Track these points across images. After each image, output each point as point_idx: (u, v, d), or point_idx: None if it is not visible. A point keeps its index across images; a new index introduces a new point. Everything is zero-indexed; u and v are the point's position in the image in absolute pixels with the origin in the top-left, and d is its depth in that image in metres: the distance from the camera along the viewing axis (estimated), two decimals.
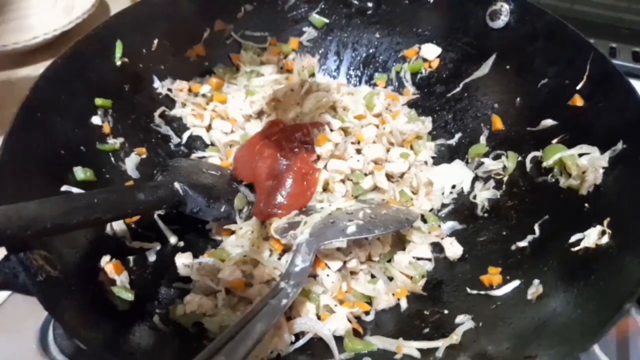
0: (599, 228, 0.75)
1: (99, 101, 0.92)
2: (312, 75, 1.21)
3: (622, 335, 0.93)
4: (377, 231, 0.83)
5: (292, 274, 0.76)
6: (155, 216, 0.92)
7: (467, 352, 0.71)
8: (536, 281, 0.77)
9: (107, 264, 0.77)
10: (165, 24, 1.05)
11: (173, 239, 0.91)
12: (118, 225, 0.85)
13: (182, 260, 0.85)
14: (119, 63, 0.97)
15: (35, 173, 0.76)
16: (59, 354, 0.87)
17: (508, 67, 1.03)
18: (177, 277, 0.86)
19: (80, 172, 0.83)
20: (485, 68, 1.07)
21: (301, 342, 0.78)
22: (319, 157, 0.99)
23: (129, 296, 0.75)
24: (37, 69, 1.35)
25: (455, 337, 0.73)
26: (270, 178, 0.94)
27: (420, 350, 0.74)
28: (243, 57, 1.18)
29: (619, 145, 0.79)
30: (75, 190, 0.80)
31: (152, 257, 0.87)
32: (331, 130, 1.01)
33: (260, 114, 1.10)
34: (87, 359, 0.85)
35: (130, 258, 0.84)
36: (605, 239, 0.73)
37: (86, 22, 1.37)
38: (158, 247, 0.89)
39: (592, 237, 0.75)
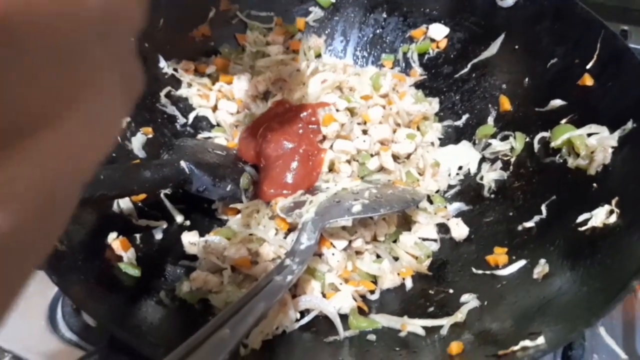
0: (606, 207, 0.74)
1: None
2: (319, 55, 1.20)
3: (628, 318, 0.93)
4: (382, 210, 0.83)
5: (298, 251, 0.77)
6: (162, 195, 0.92)
7: (472, 330, 0.71)
8: (542, 261, 0.76)
9: (114, 240, 0.78)
10: (170, 3, 1.04)
11: (179, 218, 0.92)
12: (125, 204, 0.86)
13: (189, 239, 0.86)
14: None
15: None
16: (67, 331, 0.88)
17: (517, 47, 1.02)
18: (183, 255, 0.86)
19: None
20: (493, 48, 1.06)
21: (306, 319, 0.78)
22: (324, 138, 0.98)
23: (135, 272, 0.75)
24: None
25: (460, 316, 0.74)
26: (275, 160, 0.94)
27: (424, 327, 0.74)
28: (249, 37, 1.17)
29: (629, 125, 0.78)
30: None
31: (158, 235, 0.88)
32: (337, 110, 1.00)
33: (266, 95, 1.09)
34: (95, 335, 0.86)
35: (137, 236, 0.84)
36: (613, 219, 0.73)
37: None
38: (164, 226, 0.89)
39: (600, 216, 0.75)
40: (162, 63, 1.06)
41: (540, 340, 0.58)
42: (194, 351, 0.53)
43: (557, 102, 0.92)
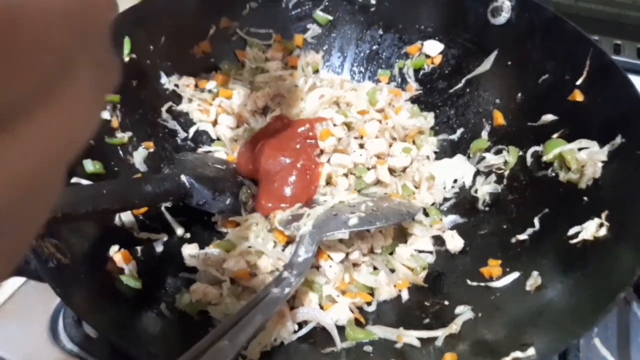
0: (596, 221, 0.76)
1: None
2: (316, 71, 1.22)
3: (623, 329, 0.94)
4: (378, 223, 0.85)
5: (295, 264, 0.78)
6: (163, 208, 0.94)
7: (466, 341, 0.72)
8: (535, 273, 0.78)
9: (116, 253, 0.79)
10: (171, 21, 1.07)
11: (180, 231, 0.93)
12: (126, 217, 0.88)
13: (189, 251, 0.88)
14: (127, 59, 1.00)
15: None
16: (68, 342, 0.88)
17: (509, 63, 1.04)
18: (183, 267, 0.88)
19: (89, 165, 0.86)
20: (486, 64, 1.08)
21: (304, 330, 0.80)
22: (322, 152, 1.00)
23: (137, 284, 0.77)
24: None
25: (454, 327, 0.75)
26: (273, 175, 0.96)
27: (420, 339, 0.76)
28: (248, 53, 1.19)
29: (618, 139, 0.80)
30: (84, 182, 0.83)
31: (159, 248, 0.89)
32: (334, 125, 1.03)
33: (264, 110, 1.12)
34: (96, 347, 0.87)
35: (138, 248, 0.86)
36: (602, 232, 0.74)
37: None
38: (165, 238, 0.91)
39: (590, 229, 0.76)
40: (164, 79, 1.09)
41: (531, 351, 0.59)
42: None
43: (548, 117, 0.94)
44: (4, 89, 0.19)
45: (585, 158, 0.84)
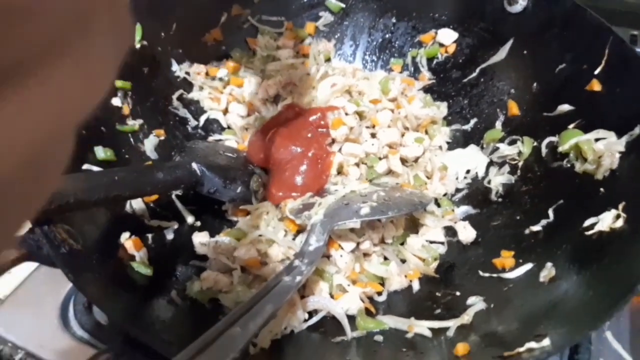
0: (613, 212, 0.75)
1: (118, 83, 0.94)
2: (328, 59, 1.21)
3: (636, 323, 0.93)
4: (390, 213, 0.84)
5: (306, 252, 0.78)
6: (173, 196, 0.94)
7: (478, 332, 0.72)
8: (549, 264, 0.77)
9: (127, 240, 0.79)
10: (183, 8, 1.07)
11: (190, 219, 0.93)
12: (137, 204, 0.88)
13: (199, 239, 0.88)
14: (138, 46, 0.99)
15: None
16: (79, 329, 0.89)
17: (525, 52, 1.02)
18: (194, 255, 0.88)
19: (100, 152, 0.85)
20: (502, 53, 1.07)
21: (314, 319, 0.80)
22: (333, 141, 1.00)
23: (147, 271, 0.77)
24: None
25: (466, 317, 0.74)
26: (284, 164, 0.96)
27: (431, 329, 0.75)
28: (259, 41, 1.18)
29: (636, 130, 0.79)
30: (95, 168, 0.82)
31: (170, 236, 0.89)
32: (346, 114, 1.02)
33: (276, 98, 1.11)
34: (106, 333, 0.88)
35: (149, 236, 0.86)
36: (619, 223, 0.73)
37: None
38: (176, 226, 0.91)
39: (607, 221, 0.75)
40: (175, 66, 1.08)
41: (546, 342, 0.58)
42: (206, 349, 0.55)
43: (565, 107, 0.92)
44: (18, 42, 0.18)
45: (602, 149, 0.82)
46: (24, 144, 0.20)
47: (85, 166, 0.82)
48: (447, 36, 1.14)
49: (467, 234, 0.92)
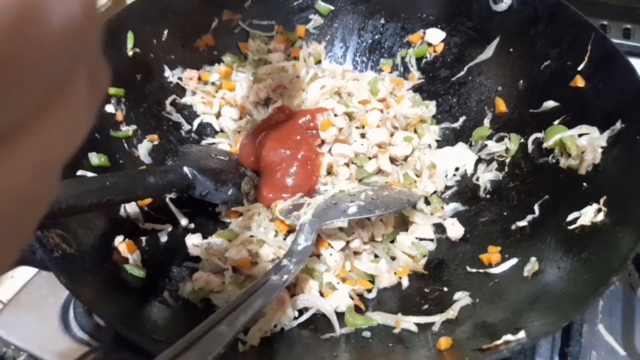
0: (595, 206, 0.76)
1: (112, 90, 0.96)
2: (319, 62, 1.23)
3: (628, 315, 0.94)
4: (377, 211, 0.86)
5: (295, 252, 0.80)
6: (167, 199, 0.96)
7: (463, 326, 0.73)
8: (533, 259, 0.78)
9: (121, 243, 0.82)
10: (174, 15, 1.09)
11: (184, 221, 0.96)
12: (131, 208, 0.90)
13: (192, 241, 0.90)
14: (130, 53, 1.01)
15: None
16: (79, 331, 0.91)
17: (511, 50, 1.04)
18: (187, 257, 0.90)
19: (94, 158, 0.88)
20: (489, 51, 1.08)
21: (304, 317, 0.81)
22: (323, 142, 1.01)
23: (140, 273, 0.79)
24: None
25: (451, 312, 0.76)
26: (274, 166, 0.97)
27: (417, 324, 0.77)
28: (251, 45, 1.20)
29: (618, 125, 0.80)
30: (89, 174, 0.85)
31: (163, 238, 0.92)
32: (335, 115, 1.03)
33: (267, 101, 1.13)
34: (106, 335, 0.90)
35: (143, 239, 0.88)
36: (600, 217, 0.74)
37: (104, 15, 1.42)
38: (169, 229, 0.93)
39: (589, 215, 0.76)
40: (167, 72, 1.10)
41: (521, 334, 0.60)
42: (193, 345, 0.57)
43: (550, 104, 0.93)
44: (4, 110, 0.20)
45: (585, 144, 0.83)
46: (14, 190, 0.22)
47: (80, 172, 0.85)
48: (435, 36, 1.16)
49: (455, 230, 0.93)
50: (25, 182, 0.23)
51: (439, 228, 0.97)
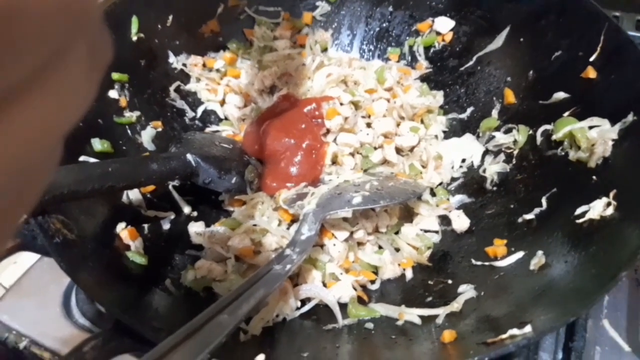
0: (604, 200, 0.75)
1: (115, 76, 0.95)
2: (325, 49, 1.21)
3: (633, 311, 0.93)
4: (382, 202, 0.85)
5: (298, 241, 0.79)
6: (170, 187, 0.95)
7: (467, 319, 0.72)
8: (539, 252, 0.77)
9: (123, 230, 0.81)
10: (179, 0, 1.07)
11: (187, 209, 0.95)
12: (134, 195, 0.89)
13: (195, 229, 0.89)
14: (134, 39, 1.00)
15: None
16: (81, 317, 0.91)
17: (521, 39, 1.02)
18: (189, 245, 0.89)
19: (97, 144, 0.87)
20: (498, 41, 1.06)
21: (306, 307, 0.81)
22: (328, 131, 1.00)
23: (142, 261, 0.79)
24: None
25: (456, 305, 0.75)
26: (278, 155, 0.96)
27: (421, 317, 0.76)
28: (256, 32, 1.19)
29: (630, 117, 0.78)
30: (92, 160, 0.84)
31: (166, 226, 0.91)
32: (341, 104, 1.02)
33: (272, 89, 1.12)
34: (108, 322, 0.90)
35: (145, 226, 0.87)
36: (609, 211, 0.73)
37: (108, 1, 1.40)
38: (172, 217, 0.92)
39: (597, 208, 0.75)
40: (172, 58, 1.09)
41: (527, 328, 0.59)
42: (194, 334, 0.56)
43: (560, 95, 0.92)
44: (6, 72, 0.20)
45: (595, 136, 0.82)
46: (10, 157, 0.22)
47: (82, 158, 0.84)
48: (444, 24, 1.14)
49: (461, 222, 0.92)
50: (22, 150, 0.22)
51: (444, 220, 0.96)
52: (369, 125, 1.04)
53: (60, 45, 0.23)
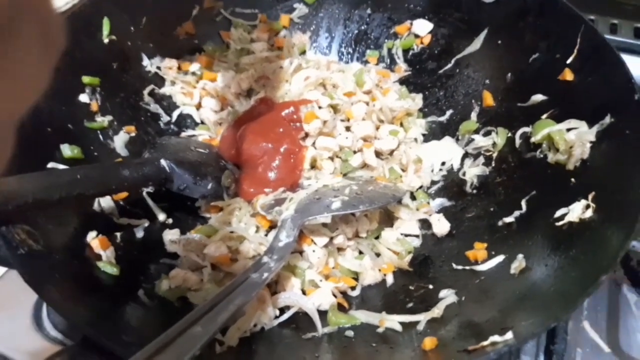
0: (583, 202, 0.75)
1: (86, 79, 0.92)
2: (303, 52, 1.20)
3: (613, 312, 0.93)
4: (362, 207, 0.83)
5: (276, 248, 0.77)
6: (144, 193, 0.92)
7: (449, 325, 0.71)
8: (520, 256, 0.77)
9: (94, 239, 0.78)
10: (153, 1, 1.05)
11: (161, 216, 0.92)
12: (106, 202, 0.86)
13: (170, 237, 0.86)
14: (106, 41, 0.97)
15: (21, 150, 0.76)
16: (52, 330, 0.88)
17: (499, 42, 1.02)
18: (164, 254, 0.86)
19: (67, 150, 0.84)
20: (476, 43, 1.06)
21: (285, 316, 0.79)
22: (307, 135, 0.99)
23: (114, 271, 0.76)
24: None
25: (437, 311, 0.74)
26: (255, 159, 0.95)
27: (402, 323, 0.75)
28: (233, 34, 1.17)
29: (607, 119, 0.79)
30: (61, 167, 0.81)
31: (139, 234, 0.88)
32: (320, 107, 1.00)
33: (249, 92, 1.10)
34: (80, 334, 0.86)
35: (118, 234, 0.84)
36: (588, 213, 0.73)
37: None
38: (146, 224, 0.89)
39: (577, 211, 0.75)
40: (146, 61, 1.06)
41: (509, 335, 0.58)
42: (166, 347, 0.54)
43: (538, 97, 0.92)
44: None
45: (573, 138, 0.82)
46: None
47: (51, 164, 0.81)
48: (423, 27, 1.14)
49: (441, 226, 0.92)
50: None
51: (425, 224, 0.95)
52: (348, 128, 1.02)
53: (5, 27, 0.22)
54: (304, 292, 0.82)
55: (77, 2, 1.27)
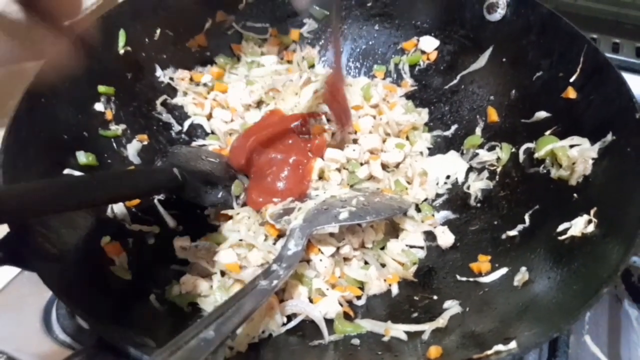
0: (585, 217, 0.76)
1: (101, 88, 0.95)
2: (312, 66, 1.22)
3: (614, 326, 0.95)
4: (368, 218, 0.85)
5: (285, 257, 0.79)
6: (155, 201, 0.94)
7: (453, 335, 0.73)
8: (523, 268, 0.79)
9: (107, 244, 0.80)
10: (167, 14, 1.08)
11: (172, 223, 0.94)
12: (118, 209, 0.88)
13: (180, 243, 0.88)
14: (121, 52, 1.00)
15: (39, 156, 0.79)
16: (61, 333, 0.89)
17: (504, 59, 1.04)
18: (174, 260, 0.88)
19: (82, 157, 0.86)
20: (482, 61, 1.08)
21: (292, 323, 0.80)
22: (315, 147, 1.01)
23: (126, 276, 0.77)
24: None
25: (441, 321, 0.75)
26: (264, 169, 0.97)
27: (407, 332, 0.76)
28: (244, 47, 1.20)
29: (609, 137, 0.80)
30: (77, 173, 0.83)
31: (151, 240, 0.90)
32: (328, 120, 1.03)
33: (259, 104, 1.12)
34: (89, 337, 0.88)
35: (130, 240, 0.86)
36: (590, 228, 0.75)
37: (95, 13, 1.39)
38: (157, 231, 0.91)
39: (579, 226, 0.76)
40: (159, 72, 1.09)
41: (513, 344, 0.59)
42: (178, 351, 0.55)
43: (542, 114, 0.94)
44: None
45: (576, 155, 0.84)
46: None
47: (67, 171, 0.83)
48: (429, 43, 1.16)
49: (445, 238, 0.93)
50: None
51: (430, 236, 0.97)
52: (355, 141, 1.04)
53: None
54: (311, 300, 0.84)
55: (101, 2, 1.29)
